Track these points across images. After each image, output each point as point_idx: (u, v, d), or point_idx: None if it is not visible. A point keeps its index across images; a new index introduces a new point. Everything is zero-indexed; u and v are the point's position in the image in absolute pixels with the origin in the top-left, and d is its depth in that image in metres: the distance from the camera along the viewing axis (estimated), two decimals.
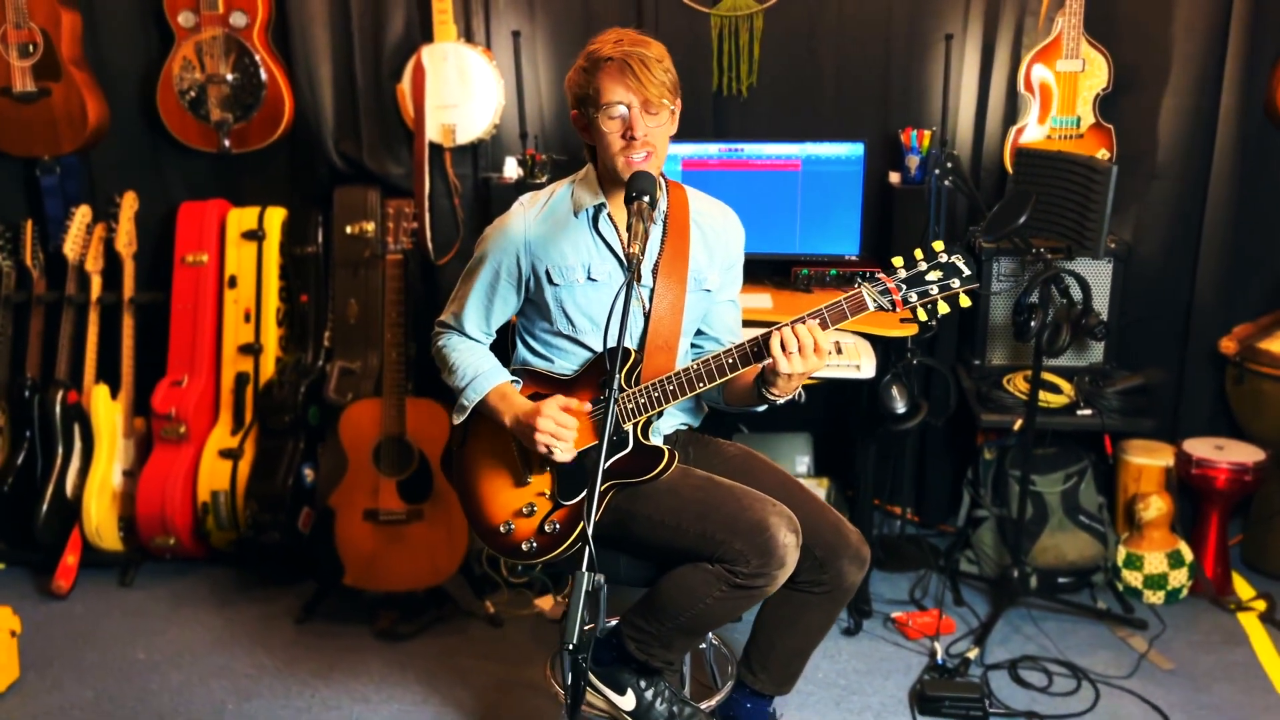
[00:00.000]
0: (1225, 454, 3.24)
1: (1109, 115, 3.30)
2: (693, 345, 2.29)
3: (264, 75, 3.47)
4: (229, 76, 3.47)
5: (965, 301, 1.95)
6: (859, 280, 1.97)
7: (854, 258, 3.29)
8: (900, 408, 3.00)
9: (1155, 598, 3.24)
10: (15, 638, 2.87)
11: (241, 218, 3.58)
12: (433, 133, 3.46)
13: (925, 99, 3.42)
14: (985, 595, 3.29)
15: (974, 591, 3.31)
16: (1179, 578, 3.23)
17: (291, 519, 3.32)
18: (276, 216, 3.58)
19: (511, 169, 3.46)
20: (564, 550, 2.09)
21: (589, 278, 2.11)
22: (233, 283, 3.57)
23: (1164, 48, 3.29)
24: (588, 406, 2.10)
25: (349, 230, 3.52)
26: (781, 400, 2.07)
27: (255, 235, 3.55)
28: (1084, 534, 3.28)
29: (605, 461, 1.69)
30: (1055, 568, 3.25)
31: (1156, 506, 3.24)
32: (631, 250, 1.81)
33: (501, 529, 2.14)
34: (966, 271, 1.94)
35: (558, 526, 2.09)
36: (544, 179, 3.41)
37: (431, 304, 3.65)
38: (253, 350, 3.52)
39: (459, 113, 3.46)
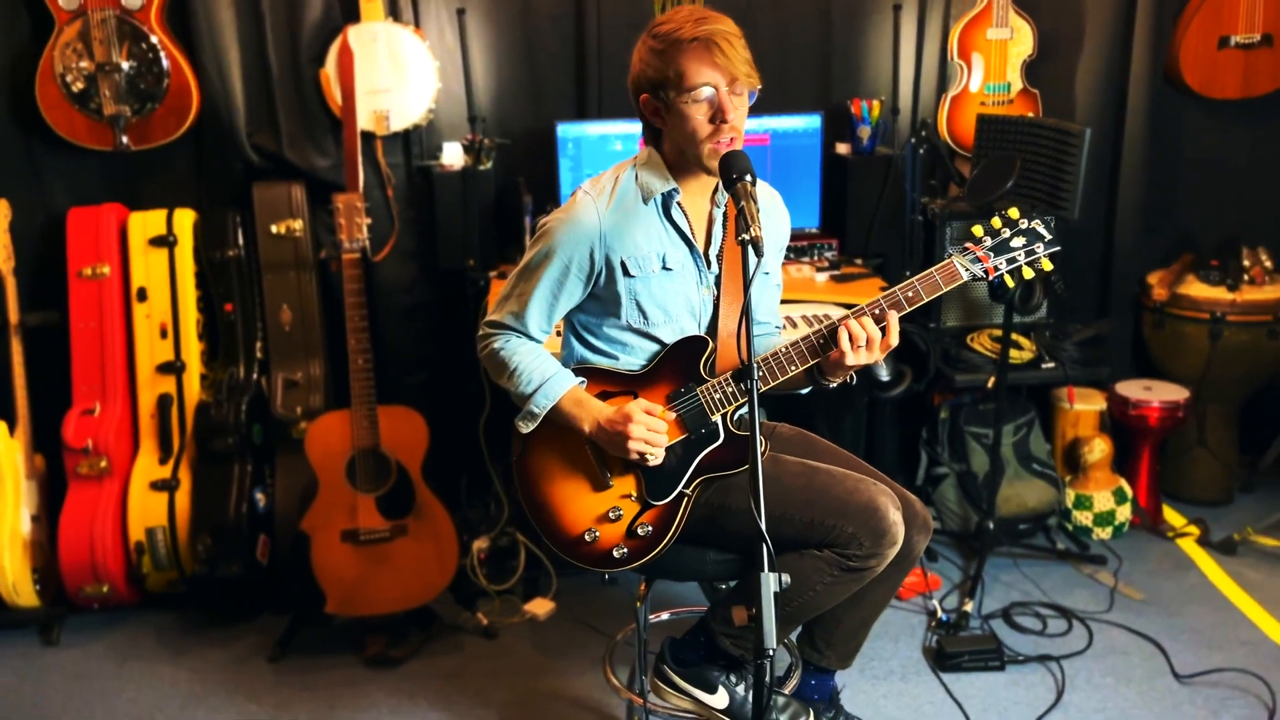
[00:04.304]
0: (1155, 394, 3.48)
1: (1034, 81, 3.46)
2: None
3: (165, 63, 3.12)
4: (124, 64, 3.10)
5: (1047, 265, 1.99)
6: (949, 251, 1.97)
7: (815, 230, 3.31)
8: (885, 376, 3.05)
9: (1104, 534, 3.45)
10: None
11: (146, 222, 3.22)
12: (363, 120, 3.21)
13: (864, 69, 3.47)
14: (954, 549, 3.41)
15: (942, 546, 3.43)
16: (1124, 513, 3.46)
17: (249, 549, 3.03)
18: (187, 219, 3.23)
19: (454, 155, 3.27)
20: (659, 552, 2.00)
21: (664, 267, 2.01)
22: (142, 295, 3.21)
23: (1078, 15, 3.47)
24: (669, 415, 2.01)
25: (274, 230, 3.24)
26: (833, 385, 2.05)
27: (165, 241, 3.20)
28: (1039, 481, 3.45)
29: (750, 457, 1.62)
30: (1018, 515, 3.40)
31: (1100, 448, 3.45)
32: (755, 234, 1.73)
33: (586, 537, 2.02)
34: (1048, 236, 1.98)
35: (650, 529, 2.00)
36: (489, 164, 3.24)
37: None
38: (174, 369, 3.18)
39: (392, 98, 3.23)
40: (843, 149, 3.39)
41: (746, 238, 1.73)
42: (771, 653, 1.53)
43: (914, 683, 2.78)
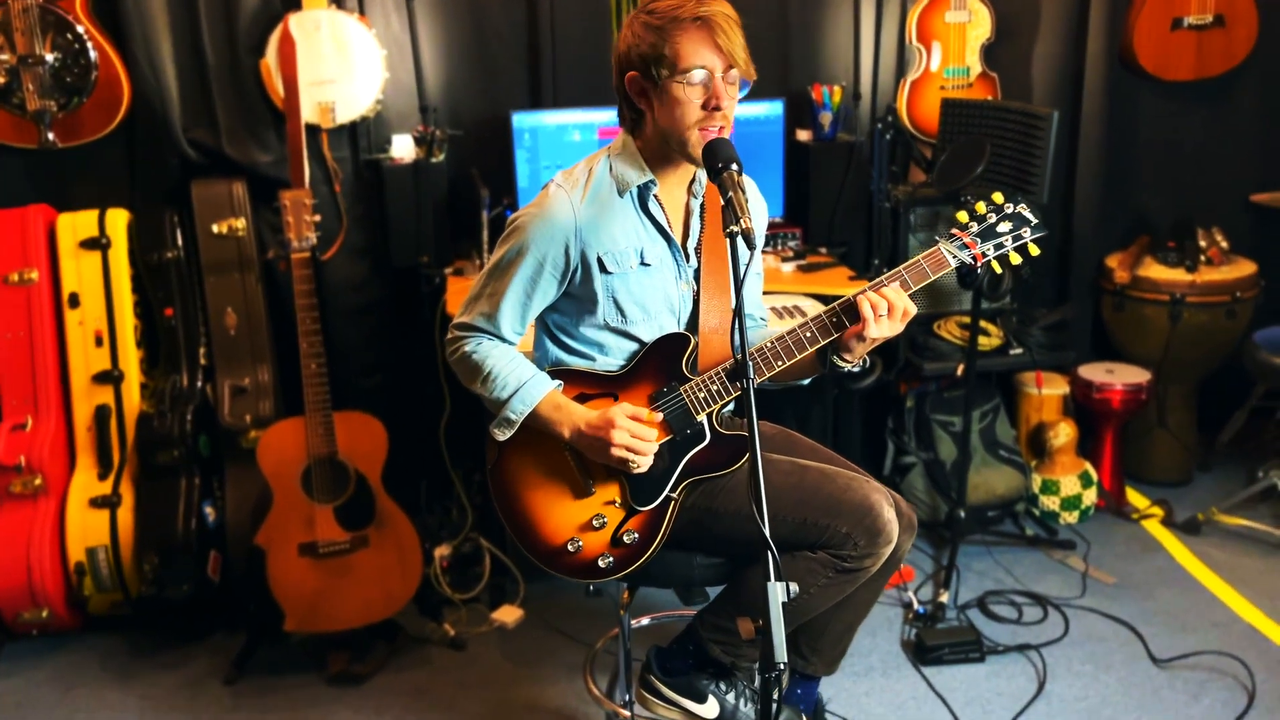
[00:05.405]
0: (1117, 376, 3.48)
1: (992, 64, 3.43)
2: None
3: (93, 54, 2.94)
4: (48, 57, 2.91)
5: (1035, 250, 1.94)
6: (936, 238, 1.91)
7: (779, 219, 3.24)
8: (856, 366, 2.99)
9: (1071, 518, 3.44)
10: None
11: (76, 224, 3.03)
12: (307, 112, 3.07)
13: (823, 54, 3.40)
14: (925, 538, 3.38)
15: None
16: (1089, 496, 3.45)
17: (200, 566, 2.88)
18: (120, 219, 3.06)
19: (405, 148, 3.13)
20: (645, 560, 1.91)
21: (642, 263, 1.92)
22: (74, 301, 3.02)
23: None
24: (655, 417, 1.92)
25: (215, 230, 3.08)
26: (848, 367, 1.98)
27: (98, 243, 3.02)
28: (1006, 467, 3.42)
29: (751, 458, 1.54)
30: (986, 502, 3.38)
31: (1065, 433, 3.44)
32: (745, 226, 1.64)
33: (569, 547, 1.92)
34: (1034, 220, 1.92)
35: (636, 536, 1.91)
36: (441, 157, 3.12)
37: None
38: (111, 378, 3.01)
39: (337, 89, 3.08)
40: (804, 136, 3.33)
41: (736, 230, 1.64)
42: (783, 666, 1.45)
43: (895, 678, 2.73)
